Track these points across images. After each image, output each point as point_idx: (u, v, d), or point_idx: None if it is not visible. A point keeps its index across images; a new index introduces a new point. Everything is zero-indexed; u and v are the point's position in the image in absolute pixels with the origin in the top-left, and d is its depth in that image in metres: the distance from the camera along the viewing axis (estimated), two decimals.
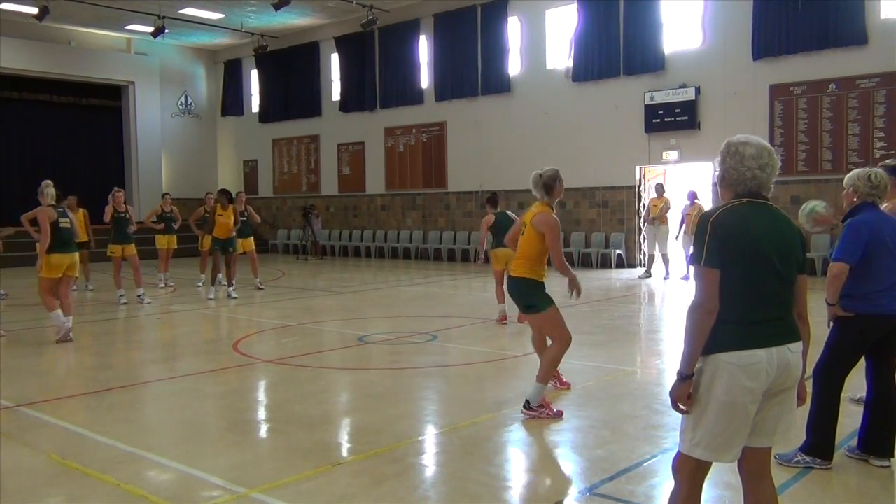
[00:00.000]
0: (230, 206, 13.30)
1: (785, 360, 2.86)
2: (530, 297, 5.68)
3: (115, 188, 13.18)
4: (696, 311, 2.85)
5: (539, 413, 5.48)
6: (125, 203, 12.86)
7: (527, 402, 5.52)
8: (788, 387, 2.93)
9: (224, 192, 13.51)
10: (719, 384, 2.83)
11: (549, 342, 5.86)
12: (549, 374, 5.65)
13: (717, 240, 2.85)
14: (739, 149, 2.95)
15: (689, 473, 2.95)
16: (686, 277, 14.79)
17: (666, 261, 15.47)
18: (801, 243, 2.99)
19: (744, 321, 2.85)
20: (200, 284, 14.56)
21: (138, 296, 12.40)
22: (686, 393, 2.90)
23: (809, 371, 4.92)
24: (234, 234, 13.32)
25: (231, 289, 13.19)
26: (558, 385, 6.37)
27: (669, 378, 6.22)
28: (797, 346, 2.93)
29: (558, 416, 5.51)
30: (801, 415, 4.57)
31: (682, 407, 2.92)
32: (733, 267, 2.84)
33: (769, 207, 2.97)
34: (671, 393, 2.94)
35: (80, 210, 13.90)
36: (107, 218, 12.67)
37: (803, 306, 3.04)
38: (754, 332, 2.84)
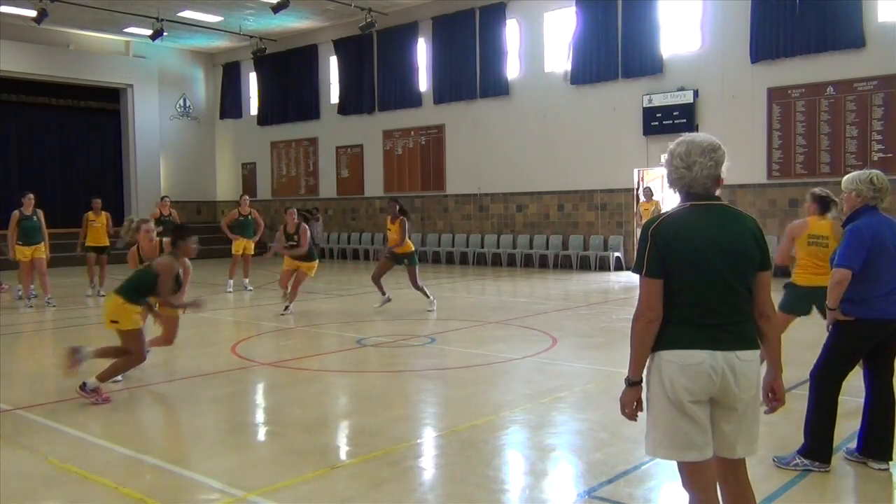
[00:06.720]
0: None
1: (732, 366, 2.78)
2: None
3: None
4: (638, 321, 2.84)
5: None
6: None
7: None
8: (745, 399, 2.81)
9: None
10: (662, 381, 2.82)
11: None
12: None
13: (656, 250, 2.81)
14: (671, 148, 2.91)
15: (691, 478, 2.88)
16: None
17: None
18: (756, 241, 2.86)
19: (688, 323, 2.82)
20: (251, 289, 14.60)
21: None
22: (633, 398, 2.92)
23: (795, 363, 4.95)
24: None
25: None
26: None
27: None
28: (749, 355, 2.82)
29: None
30: (799, 418, 4.58)
31: (628, 412, 2.93)
32: (675, 274, 2.80)
33: (714, 209, 2.86)
34: (620, 398, 2.95)
35: (104, 213, 14.02)
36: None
37: (765, 304, 2.92)
38: (697, 334, 2.80)
